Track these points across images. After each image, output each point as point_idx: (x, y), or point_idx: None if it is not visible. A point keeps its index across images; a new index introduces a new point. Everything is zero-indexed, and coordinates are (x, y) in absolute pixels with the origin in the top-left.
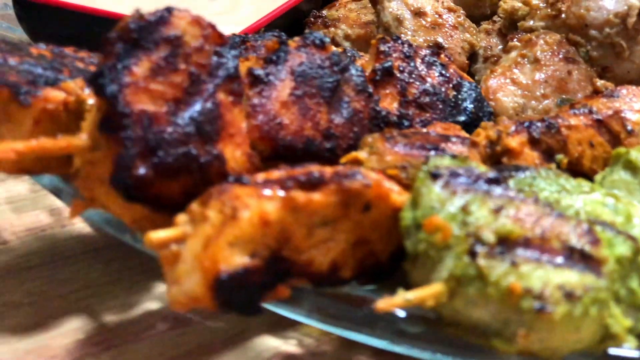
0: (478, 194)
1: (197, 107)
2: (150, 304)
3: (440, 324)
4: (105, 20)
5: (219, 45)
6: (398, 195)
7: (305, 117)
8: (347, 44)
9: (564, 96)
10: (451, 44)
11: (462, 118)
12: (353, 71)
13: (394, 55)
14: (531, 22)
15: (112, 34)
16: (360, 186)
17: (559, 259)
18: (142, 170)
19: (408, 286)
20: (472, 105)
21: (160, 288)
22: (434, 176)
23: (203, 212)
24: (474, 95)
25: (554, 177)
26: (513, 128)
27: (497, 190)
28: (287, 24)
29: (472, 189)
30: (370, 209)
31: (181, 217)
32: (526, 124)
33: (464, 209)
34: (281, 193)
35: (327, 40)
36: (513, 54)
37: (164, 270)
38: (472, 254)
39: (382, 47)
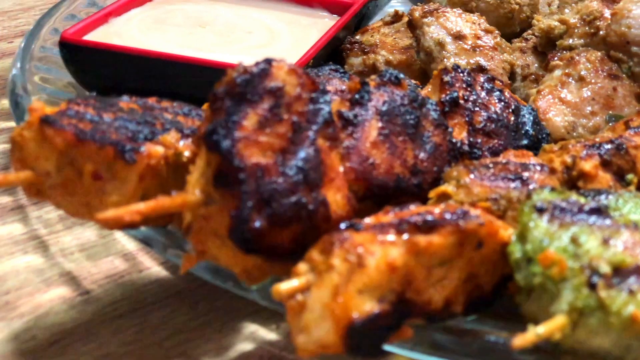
0: (584, 225)
1: (302, 155)
2: (244, 345)
3: (554, 352)
4: (156, 62)
5: (313, 92)
6: (503, 230)
7: (393, 155)
8: None
9: (611, 112)
10: (492, 66)
11: (524, 142)
12: (430, 106)
13: (457, 85)
14: (570, 41)
15: (219, 90)
16: (475, 226)
17: None
18: (257, 223)
19: (503, 314)
20: (531, 129)
21: (250, 328)
22: (540, 210)
23: (327, 261)
24: (532, 118)
25: (636, 198)
26: (584, 153)
27: (600, 220)
28: (328, 53)
29: (576, 220)
30: (482, 246)
31: (302, 267)
32: (596, 146)
33: (574, 241)
34: (402, 237)
35: (402, 76)
36: (557, 72)
37: (288, 320)
38: (592, 286)
39: (446, 78)
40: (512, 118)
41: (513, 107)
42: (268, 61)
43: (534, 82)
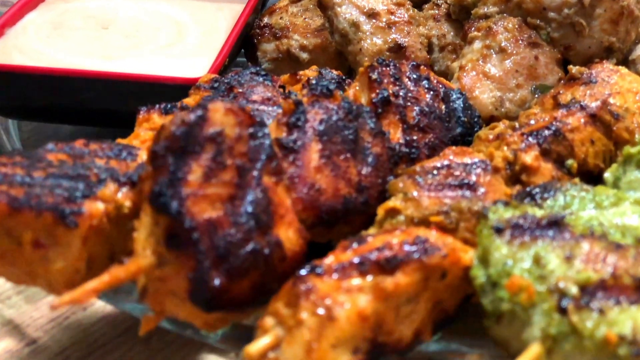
0: (544, 242)
1: (250, 198)
2: None
3: None
4: (65, 80)
5: (251, 126)
6: (464, 254)
7: (337, 176)
8: (304, 55)
9: (536, 83)
10: (410, 42)
11: (458, 130)
12: (365, 115)
13: (385, 81)
14: (485, 9)
15: (159, 146)
16: (439, 259)
17: (635, 296)
18: (217, 281)
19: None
20: (463, 115)
21: (209, 358)
22: (498, 230)
23: (295, 315)
24: (462, 103)
25: (583, 192)
26: (524, 144)
27: (559, 234)
28: (240, 44)
29: (536, 237)
30: (446, 276)
31: (268, 321)
32: (534, 135)
33: (537, 262)
34: (367, 280)
35: (333, 87)
36: (477, 45)
37: None
38: (562, 310)
39: (374, 76)
40: (443, 107)
41: (442, 94)
42: (203, 106)
43: (452, 53)
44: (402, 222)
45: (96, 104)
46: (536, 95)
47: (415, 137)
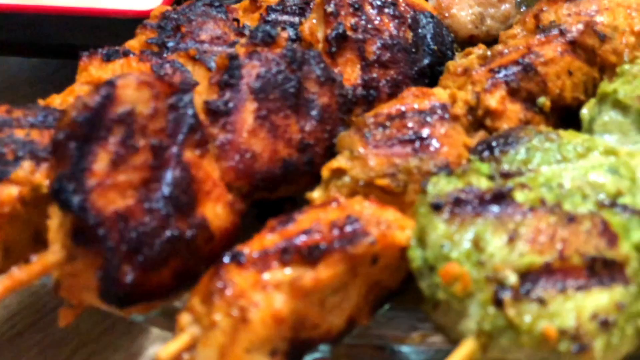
0: (487, 220)
1: (168, 180)
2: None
3: None
4: (24, 16)
5: (171, 95)
6: (401, 232)
7: (276, 137)
8: None
9: None
10: None
11: (426, 61)
12: (312, 61)
13: (343, 13)
14: None
15: (60, 134)
16: (366, 247)
17: (584, 280)
18: (130, 276)
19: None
20: (433, 42)
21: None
22: (436, 207)
23: (209, 315)
24: (432, 29)
25: (547, 143)
26: (489, 83)
27: (504, 209)
28: None
29: (478, 214)
30: (378, 261)
31: (185, 318)
32: (502, 72)
33: (476, 245)
34: (286, 274)
35: (275, 32)
36: None
37: None
38: (498, 303)
39: (329, 8)
40: (410, 35)
41: (410, 20)
42: (111, 83)
43: None
44: (347, 184)
45: (50, 39)
46: (522, 9)
47: (375, 75)
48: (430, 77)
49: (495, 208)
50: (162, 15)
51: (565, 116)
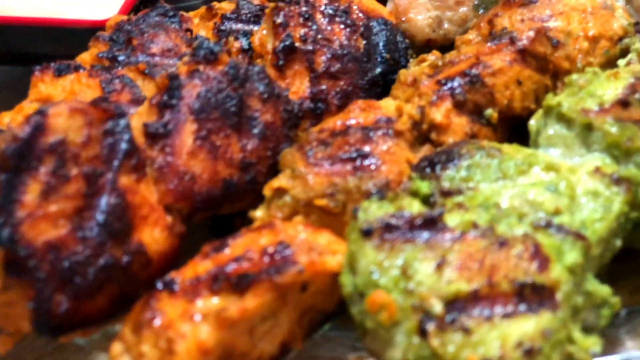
0: (416, 246)
1: (102, 207)
2: None
3: None
4: None
5: (107, 121)
6: (332, 258)
7: (216, 158)
8: None
9: None
10: None
11: (378, 70)
12: (255, 78)
13: (292, 23)
14: None
15: None
16: (293, 276)
17: (511, 307)
18: (63, 307)
19: None
20: (385, 51)
21: None
22: (366, 233)
23: (138, 345)
24: (385, 36)
25: (489, 159)
26: (435, 96)
27: (434, 235)
28: None
29: (408, 240)
30: (307, 287)
31: (116, 348)
32: (448, 85)
33: (405, 272)
34: (214, 303)
35: (218, 49)
36: None
37: None
38: (423, 332)
39: (278, 20)
40: (363, 43)
41: (362, 28)
42: (42, 113)
43: None
44: (288, 203)
45: (13, 47)
46: (480, 11)
47: (324, 87)
48: (382, 86)
49: (425, 234)
50: (117, 25)
51: (516, 126)
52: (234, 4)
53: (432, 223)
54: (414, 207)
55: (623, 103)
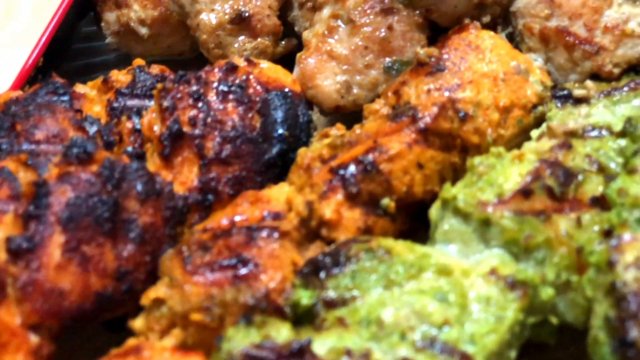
0: None
1: None
2: None
3: None
4: None
5: None
6: None
7: (87, 270)
8: (144, 30)
9: (388, 59)
10: (255, 9)
11: (275, 150)
12: (132, 176)
13: (181, 105)
14: None
15: None
16: None
17: None
18: None
19: None
20: (284, 127)
21: None
22: None
23: None
24: (284, 111)
25: (377, 263)
26: (326, 187)
27: None
28: (75, 17)
29: None
30: None
31: None
32: (340, 173)
33: None
34: None
35: (92, 148)
36: (325, 12)
37: None
38: None
39: (165, 103)
40: (260, 121)
41: (259, 103)
42: None
43: (312, 11)
44: (166, 315)
45: None
46: (393, 72)
47: (214, 174)
48: (282, 166)
49: None
50: (4, 106)
51: (421, 210)
52: (131, 75)
53: (300, 354)
54: (283, 334)
55: (524, 193)
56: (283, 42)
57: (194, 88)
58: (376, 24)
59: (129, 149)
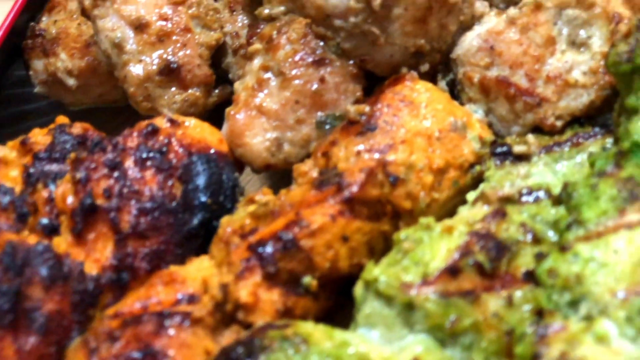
0: None
1: None
2: None
3: None
4: None
5: None
6: None
7: None
8: (72, 81)
9: (321, 114)
10: (185, 59)
11: (196, 220)
12: (36, 261)
13: (95, 176)
14: (269, 10)
15: None
16: None
17: None
18: None
19: None
20: (207, 195)
21: None
22: None
23: None
24: (206, 176)
25: (292, 351)
26: (243, 266)
27: None
28: (4, 61)
29: None
30: None
31: None
32: (258, 251)
33: None
34: None
35: None
36: (255, 63)
37: None
38: None
39: (78, 175)
40: (180, 189)
41: (181, 170)
42: None
43: (246, 58)
44: None
45: None
46: (326, 127)
47: (130, 250)
48: (204, 236)
49: None
50: None
51: (347, 284)
52: (51, 136)
53: None
54: None
55: (452, 271)
56: (217, 91)
57: (110, 156)
58: (308, 76)
59: (44, 220)
